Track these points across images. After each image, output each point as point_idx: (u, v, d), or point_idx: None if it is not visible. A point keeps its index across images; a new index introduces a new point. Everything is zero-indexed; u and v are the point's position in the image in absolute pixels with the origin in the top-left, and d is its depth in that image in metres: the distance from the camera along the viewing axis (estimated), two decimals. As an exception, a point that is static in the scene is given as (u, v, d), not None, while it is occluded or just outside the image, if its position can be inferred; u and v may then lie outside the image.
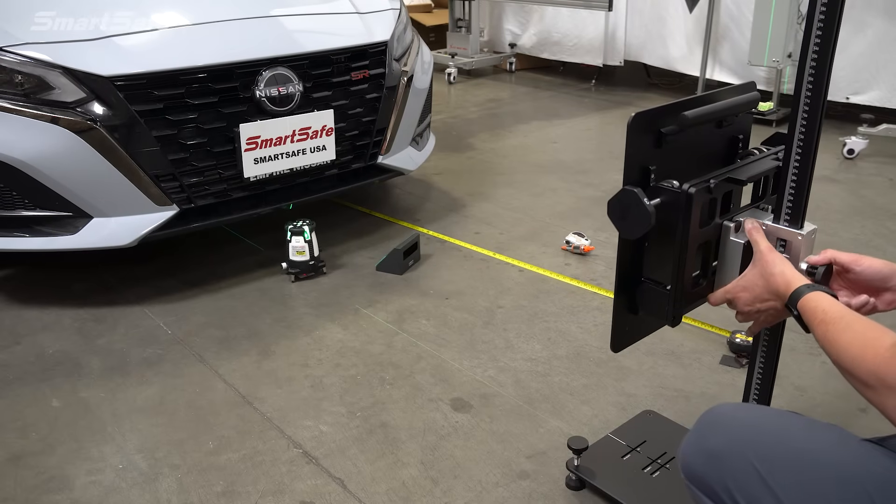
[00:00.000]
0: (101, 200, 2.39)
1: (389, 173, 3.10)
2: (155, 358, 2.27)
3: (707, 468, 1.06)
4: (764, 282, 1.21)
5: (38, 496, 1.74)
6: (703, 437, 1.09)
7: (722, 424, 1.09)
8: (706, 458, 1.07)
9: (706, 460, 1.06)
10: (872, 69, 4.37)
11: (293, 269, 2.71)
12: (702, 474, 1.07)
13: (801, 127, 1.20)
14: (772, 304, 1.21)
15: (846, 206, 3.40)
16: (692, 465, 1.09)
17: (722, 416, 1.11)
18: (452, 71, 5.97)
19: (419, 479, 1.77)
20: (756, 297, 1.23)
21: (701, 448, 1.08)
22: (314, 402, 2.06)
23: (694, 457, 1.09)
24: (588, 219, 3.27)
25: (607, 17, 5.52)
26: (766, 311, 1.24)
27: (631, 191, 1.26)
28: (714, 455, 1.06)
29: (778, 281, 1.18)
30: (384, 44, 2.88)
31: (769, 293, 1.20)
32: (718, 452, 1.06)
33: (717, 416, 1.11)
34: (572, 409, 2.02)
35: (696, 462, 1.08)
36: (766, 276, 1.21)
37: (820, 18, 1.13)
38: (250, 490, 1.74)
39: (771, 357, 1.37)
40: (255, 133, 2.55)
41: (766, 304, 1.22)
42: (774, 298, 1.20)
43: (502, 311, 2.52)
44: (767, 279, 1.21)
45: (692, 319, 2.40)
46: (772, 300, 1.21)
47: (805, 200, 1.24)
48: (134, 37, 2.43)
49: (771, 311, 1.23)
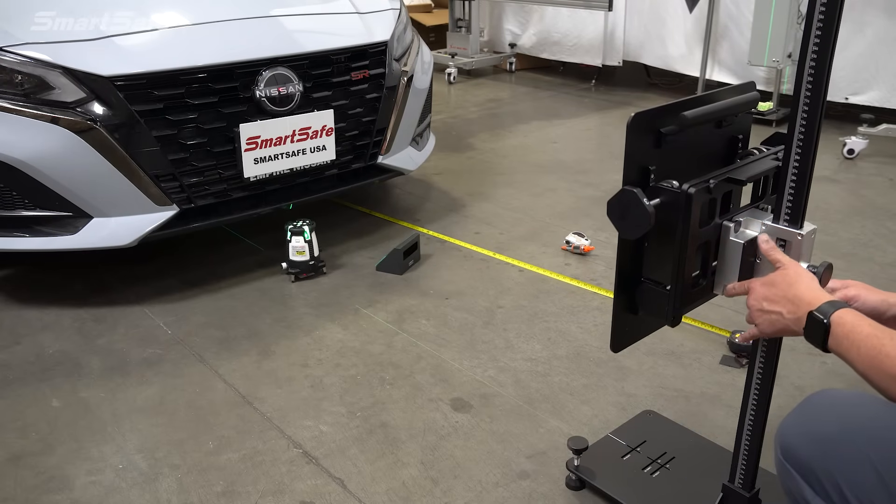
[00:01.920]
0: (101, 200, 2.39)
1: (389, 173, 3.10)
2: (155, 358, 2.27)
3: (813, 452, 1.01)
4: (786, 286, 1.17)
5: (38, 496, 1.74)
6: (812, 419, 1.04)
7: (834, 410, 1.04)
8: (814, 441, 1.01)
9: (813, 444, 1.01)
10: (872, 69, 4.37)
11: (293, 269, 2.71)
12: (805, 457, 1.02)
13: (801, 127, 1.20)
14: (779, 310, 1.17)
15: (846, 206, 3.40)
16: (795, 447, 1.04)
17: (834, 400, 1.06)
18: (452, 71, 5.97)
19: (419, 479, 1.77)
20: (769, 297, 1.19)
21: (808, 430, 1.03)
22: (314, 402, 2.06)
23: (798, 438, 1.04)
24: (588, 219, 3.27)
25: (607, 17, 5.52)
26: (769, 316, 1.20)
27: (630, 191, 1.26)
28: (824, 440, 1.00)
29: (803, 290, 1.14)
30: (384, 44, 2.88)
31: (786, 298, 1.16)
32: (829, 438, 1.00)
33: (829, 399, 1.06)
34: (572, 409, 2.02)
35: (799, 444, 1.03)
36: (791, 281, 1.17)
37: (819, 18, 1.13)
38: (250, 490, 1.74)
39: (771, 357, 1.37)
40: (255, 133, 2.55)
41: (774, 306, 1.18)
42: (788, 305, 1.16)
43: (502, 311, 2.52)
44: (792, 285, 1.16)
45: (692, 319, 2.40)
46: (781, 307, 1.17)
47: (805, 200, 1.24)
48: (134, 37, 2.43)
49: (773, 317, 1.19)
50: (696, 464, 1.71)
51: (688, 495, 1.61)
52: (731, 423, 1.78)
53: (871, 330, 1.02)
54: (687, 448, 1.76)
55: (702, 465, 1.70)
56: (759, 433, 1.42)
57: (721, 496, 1.51)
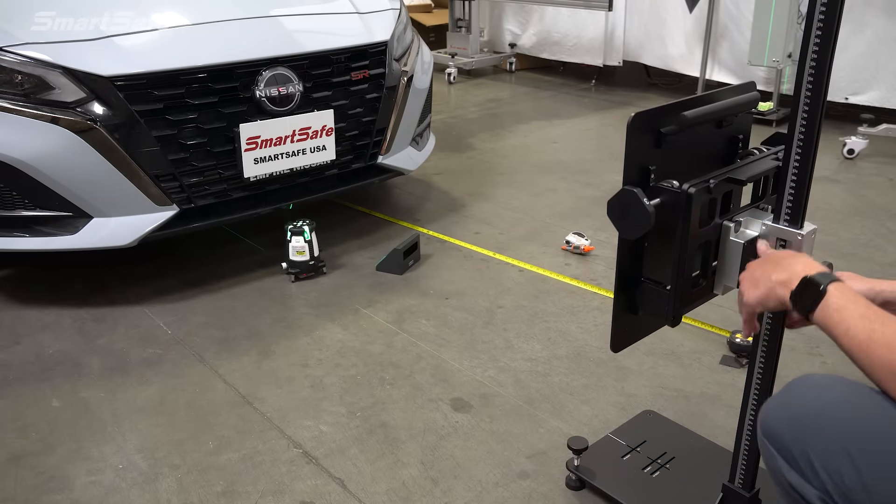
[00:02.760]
0: (101, 200, 2.39)
1: (389, 173, 3.10)
2: (155, 358, 2.27)
3: (790, 431, 1.06)
4: (781, 257, 1.17)
5: (38, 496, 1.74)
6: (792, 401, 1.09)
7: (812, 393, 1.08)
8: (791, 421, 1.07)
9: (791, 424, 1.07)
10: (872, 69, 4.37)
11: (293, 269, 2.71)
12: (783, 436, 1.07)
13: (801, 127, 1.20)
14: (767, 274, 1.16)
15: (846, 206, 3.40)
16: (773, 426, 1.09)
17: (813, 384, 1.10)
18: (452, 71, 5.97)
19: (419, 479, 1.77)
20: (761, 265, 1.19)
21: (788, 412, 1.08)
22: (314, 402, 2.06)
23: (779, 420, 1.09)
24: (588, 219, 3.27)
25: (607, 17, 5.51)
26: (755, 279, 1.18)
27: (630, 191, 1.26)
28: (800, 420, 1.06)
29: (798, 261, 1.14)
30: (384, 44, 2.88)
31: (779, 266, 1.15)
32: (804, 417, 1.05)
33: (808, 383, 1.10)
34: (572, 409, 2.02)
35: (779, 424, 1.08)
36: (786, 255, 1.17)
37: (820, 18, 1.13)
38: (250, 490, 1.74)
39: (771, 357, 1.37)
40: (255, 133, 2.55)
41: (762, 272, 1.17)
42: (778, 271, 1.14)
43: (502, 311, 2.52)
44: (786, 257, 1.16)
45: (692, 319, 2.40)
46: (770, 271, 1.16)
47: (805, 200, 1.24)
48: (134, 37, 2.43)
49: (759, 279, 1.17)
50: (696, 464, 1.71)
51: (688, 495, 1.61)
52: (731, 423, 1.78)
53: (864, 311, 1.04)
54: (687, 448, 1.76)
55: (702, 465, 1.70)
56: (760, 433, 1.42)
57: (721, 496, 1.51)
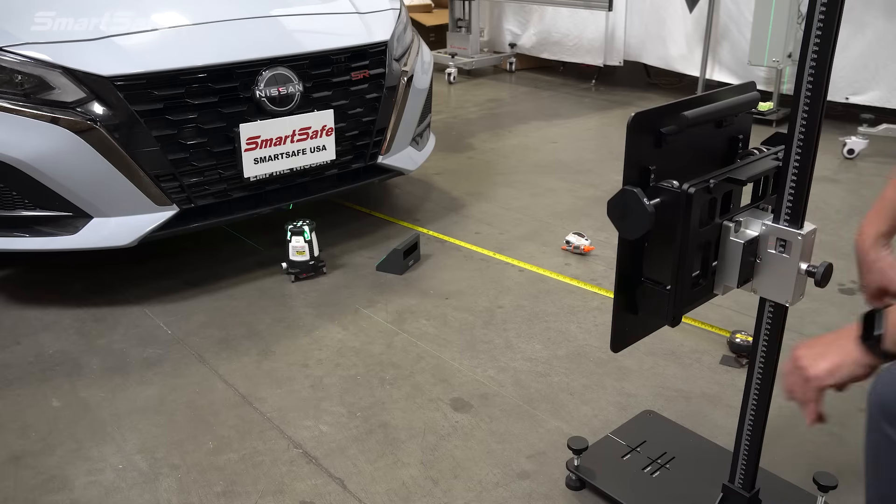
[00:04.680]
0: (101, 200, 2.39)
1: (389, 173, 3.10)
2: (155, 358, 2.27)
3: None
4: (823, 342, 1.13)
5: (38, 496, 1.74)
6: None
7: None
8: None
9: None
10: (872, 69, 4.37)
11: (293, 269, 2.71)
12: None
13: (801, 127, 1.20)
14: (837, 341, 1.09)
15: (846, 206, 3.40)
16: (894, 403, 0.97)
17: None
18: (452, 71, 5.97)
19: (419, 479, 1.77)
20: (808, 344, 1.15)
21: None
22: (314, 402, 2.06)
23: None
24: (588, 219, 3.27)
25: (607, 17, 5.52)
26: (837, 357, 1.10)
27: (631, 191, 1.26)
28: None
29: (843, 331, 1.09)
30: (384, 44, 2.89)
31: (823, 341, 1.12)
32: None
33: None
34: (572, 409, 2.02)
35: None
36: (827, 340, 1.13)
37: (820, 18, 1.13)
38: (250, 490, 1.74)
39: (771, 357, 1.37)
40: (255, 133, 2.55)
41: (833, 345, 1.11)
42: (826, 342, 1.11)
43: (502, 311, 2.52)
44: (829, 340, 1.12)
45: (692, 319, 2.40)
46: (819, 345, 1.11)
47: (805, 200, 1.24)
48: (134, 37, 2.43)
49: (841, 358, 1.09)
50: (696, 464, 1.71)
51: (688, 495, 1.61)
52: (731, 423, 1.78)
53: None
54: (687, 448, 1.76)
55: (702, 465, 1.70)
56: (759, 433, 1.42)
57: (721, 496, 1.51)
